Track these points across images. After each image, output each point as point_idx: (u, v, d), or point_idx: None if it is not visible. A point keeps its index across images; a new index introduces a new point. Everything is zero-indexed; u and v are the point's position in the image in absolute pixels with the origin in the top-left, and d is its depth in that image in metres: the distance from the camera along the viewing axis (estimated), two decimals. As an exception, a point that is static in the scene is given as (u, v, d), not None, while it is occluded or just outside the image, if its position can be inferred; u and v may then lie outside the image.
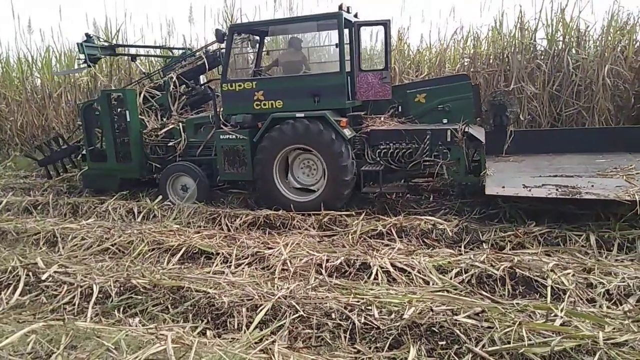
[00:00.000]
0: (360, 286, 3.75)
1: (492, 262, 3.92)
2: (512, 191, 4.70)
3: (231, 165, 6.14)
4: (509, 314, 2.99)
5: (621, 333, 2.66)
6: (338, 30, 5.65)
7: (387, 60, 6.20)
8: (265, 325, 3.14)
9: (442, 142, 5.49)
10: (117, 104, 6.73)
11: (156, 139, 6.80)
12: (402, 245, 4.67)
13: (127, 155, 6.80)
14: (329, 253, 4.40)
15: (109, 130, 6.81)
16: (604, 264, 3.83)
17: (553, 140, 6.43)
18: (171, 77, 7.03)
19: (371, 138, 5.81)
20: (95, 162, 7.11)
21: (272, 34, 7.19)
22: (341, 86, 5.71)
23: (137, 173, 6.89)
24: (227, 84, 6.10)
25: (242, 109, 6.07)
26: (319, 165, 5.91)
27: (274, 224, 5.47)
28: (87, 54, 7.36)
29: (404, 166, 5.70)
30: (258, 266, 4.32)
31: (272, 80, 6.36)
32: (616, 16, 8.25)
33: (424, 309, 3.08)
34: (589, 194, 4.40)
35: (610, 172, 5.20)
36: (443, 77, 7.35)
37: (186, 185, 6.48)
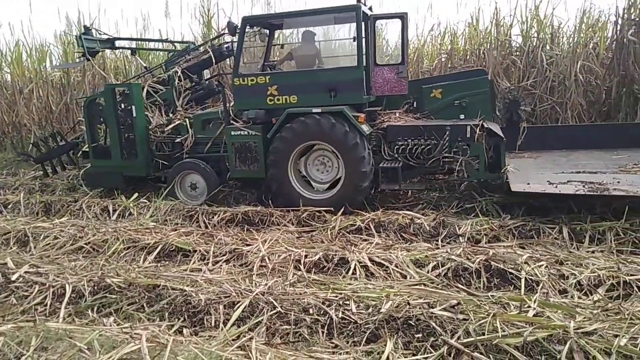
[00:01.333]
0: (338, 281, 3.76)
1: (468, 255, 3.97)
2: (539, 188, 4.63)
3: (243, 162, 5.94)
4: (484, 306, 3.03)
5: (591, 322, 2.72)
6: (356, 23, 5.50)
7: (404, 54, 6.06)
8: (242, 322, 3.11)
9: (461, 138, 5.38)
10: (122, 98, 6.48)
11: (162, 136, 6.58)
12: (381, 240, 4.69)
13: (133, 152, 6.53)
14: (307, 249, 4.40)
15: (113, 126, 6.54)
16: (576, 256, 3.92)
17: (565, 136, 6.39)
18: (175, 72, 6.82)
19: (388, 134, 5.67)
20: (99, 159, 6.81)
21: (286, 27, 6.99)
22: (359, 81, 5.56)
23: (143, 171, 6.63)
24: (239, 79, 5.90)
25: (255, 104, 5.88)
26: (334, 162, 5.76)
27: (252, 221, 5.44)
28: (86, 47, 7.10)
29: (422, 163, 5.58)
30: (236, 263, 4.29)
31: (287, 75, 6.19)
32: (588, 13, 8.45)
33: (401, 302, 3.11)
34: (617, 191, 4.36)
35: (632, 168, 5.19)
36: (459, 72, 7.21)
37: (195, 183, 6.28)
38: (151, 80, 7.02)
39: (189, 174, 6.30)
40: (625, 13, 7.32)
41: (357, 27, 5.50)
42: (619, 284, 3.40)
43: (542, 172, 5.21)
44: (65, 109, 10.13)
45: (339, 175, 5.71)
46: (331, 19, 6.31)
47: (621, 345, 2.46)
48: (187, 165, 6.29)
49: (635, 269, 3.59)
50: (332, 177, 5.79)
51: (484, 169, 5.44)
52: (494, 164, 5.50)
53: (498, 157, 5.45)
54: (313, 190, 5.83)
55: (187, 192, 6.35)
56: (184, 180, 6.35)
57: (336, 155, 5.65)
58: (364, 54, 5.65)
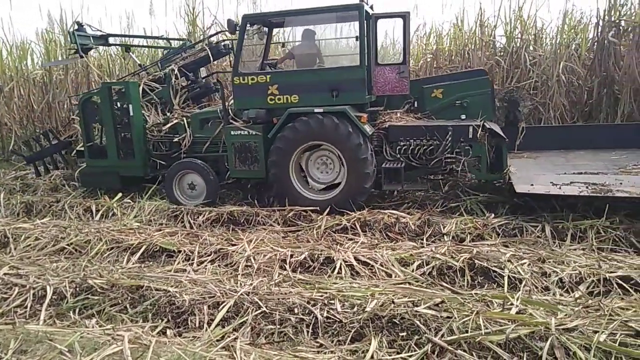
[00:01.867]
0: (324, 280, 3.76)
1: (452, 254, 4.00)
2: (543, 189, 4.64)
3: (243, 162, 5.87)
4: (468, 304, 3.06)
5: (572, 319, 2.75)
6: (359, 23, 5.44)
7: (405, 53, 6.00)
8: (227, 322, 3.10)
9: (463, 138, 5.38)
10: (118, 97, 6.35)
11: (159, 135, 6.44)
12: (366, 239, 4.70)
13: (130, 151, 6.40)
14: (293, 248, 4.39)
15: (109, 125, 6.40)
16: (558, 254, 3.98)
17: (562, 136, 6.42)
18: (172, 69, 6.70)
19: (390, 134, 5.63)
20: (94, 159, 6.66)
21: (287, 25, 6.91)
22: (361, 81, 5.50)
23: (140, 170, 6.50)
24: (239, 77, 5.80)
25: (255, 103, 5.80)
26: (335, 162, 5.72)
27: (237, 220, 5.41)
28: (79, 44, 6.91)
29: (425, 163, 5.56)
30: (221, 263, 4.26)
31: (288, 74, 6.13)
32: (570, 15, 8.58)
33: (385, 301, 3.12)
34: (620, 192, 4.37)
35: (632, 168, 5.23)
36: (460, 72, 7.17)
37: (194, 183, 6.17)
38: (147, 78, 6.89)
39: (188, 173, 6.18)
40: (605, 15, 7.44)
41: (359, 26, 5.44)
42: (599, 281, 3.45)
43: (544, 173, 5.21)
44: (47, 108, 9.95)
45: (339, 175, 5.66)
46: (333, 18, 6.26)
47: (600, 341, 2.50)
48: (185, 165, 6.16)
49: (615, 266, 3.65)
50: (333, 178, 5.72)
51: (486, 169, 5.45)
52: (495, 164, 5.50)
53: (499, 157, 5.45)
54: (314, 191, 5.77)
55: (185, 192, 6.24)
56: (182, 181, 6.24)
57: (338, 156, 5.59)
58: (366, 53, 5.58)
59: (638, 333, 2.57)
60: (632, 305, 3.00)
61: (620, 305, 3.02)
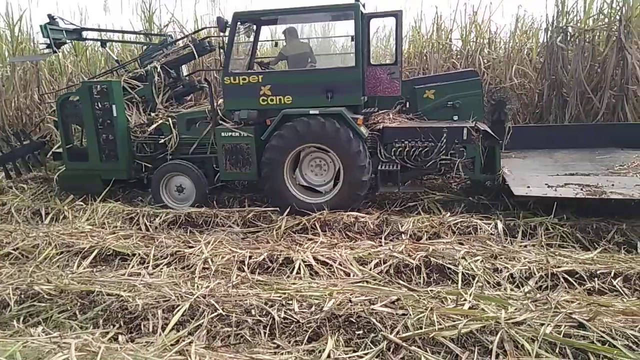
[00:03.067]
0: (282, 281, 3.75)
1: (409, 252, 4.07)
2: (540, 191, 4.68)
3: (234, 164, 5.68)
4: (423, 301, 3.12)
5: (521, 313, 2.86)
6: (355, 22, 5.31)
7: (397, 54, 5.89)
8: (182, 326, 3.03)
9: (458, 140, 5.35)
10: (100, 97, 6.03)
11: (143, 136, 6.15)
12: (326, 239, 4.71)
13: (113, 153, 6.08)
14: (252, 249, 4.35)
15: (91, 127, 6.05)
16: (509, 250, 4.12)
17: (547, 136, 6.52)
18: (155, 67, 6.41)
19: (384, 136, 5.54)
20: (74, 161, 6.29)
21: (280, 24, 6.69)
22: (357, 82, 5.39)
23: (124, 173, 6.18)
24: (229, 77, 5.59)
25: (246, 104, 5.60)
26: (330, 165, 5.59)
27: (196, 222, 5.32)
28: (52, 38, 6.47)
29: (420, 165, 5.49)
30: (178, 266, 4.17)
31: (281, 75, 5.97)
32: (522, 20, 8.92)
33: (343, 300, 3.14)
34: (614, 194, 4.45)
35: (619, 169, 5.34)
36: (451, 73, 7.12)
37: (182, 185, 5.93)
38: (126, 76, 6.58)
39: (175, 176, 5.94)
40: (554, 21, 7.77)
41: (355, 26, 5.32)
42: (547, 276, 3.60)
43: (537, 174, 5.25)
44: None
45: (333, 177, 5.58)
46: (329, 17, 6.12)
47: (547, 333, 2.60)
48: (173, 167, 5.92)
49: (561, 261, 3.81)
50: (328, 180, 5.62)
51: (480, 170, 5.47)
52: (487, 165, 5.51)
53: (492, 158, 5.47)
54: (309, 194, 5.63)
55: (173, 195, 6.02)
56: (169, 183, 5.99)
57: (332, 158, 5.49)
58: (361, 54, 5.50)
59: (581, 324, 2.69)
60: (576, 298, 3.15)
61: (565, 299, 3.16)
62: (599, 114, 7.36)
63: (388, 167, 5.47)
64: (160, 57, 6.63)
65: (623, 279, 3.50)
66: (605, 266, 3.66)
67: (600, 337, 2.57)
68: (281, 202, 5.49)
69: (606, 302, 3.09)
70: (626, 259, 3.89)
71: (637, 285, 3.45)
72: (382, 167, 5.47)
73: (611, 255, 4.02)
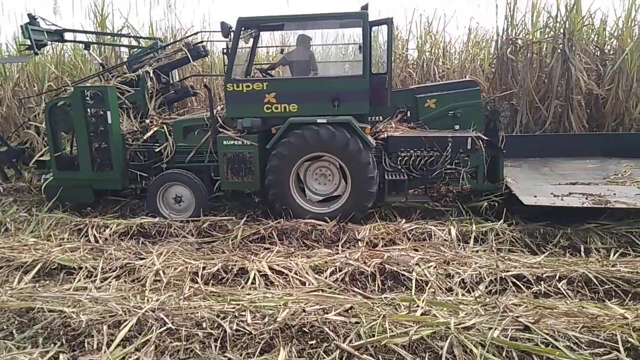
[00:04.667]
0: (237, 292, 3.67)
1: (365, 260, 4.09)
2: (548, 201, 4.72)
3: (235, 173, 5.51)
4: (377, 308, 3.13)
5: (470, 317, 2.92)
6: (363, 31, 5.29)
7: (389, 63, 5.78)
8: (129, 342, 2.91)
9: (462, 149, 5.37)
10: (94, 102, 5.69)
11: (136, 144, 5.91)
12: (283, 247, 4.68)
13: (106, 162, 5.79)
14: (206, 260, 4.25)
15: (83, 134, 5.73)
16: (462, 256, 4.21)
17: (538, 145, 6.67)
18: (147, 72, 6.16)
19: (389, 145, 5.48)
20: (64, 170, 5.92)
21: (286, 30, 6.58)
22: (364, 90, 5.33)
23: (118, 183, 5.90)
24: (232, 84, 5.44)
25: (250, 112, 5.46)
26: (335, 174, 5.50)
27: (148, 233, 5.15)
28: (33, 40, 6.07)
29: (426, 174, 5.49)
30: (127, 279, 4.02)
31: (286, 82, 5.84)
32: (475, 32, 9.23)
33: (297, 310, 3.11)
34: (618, 203, 4.55)
35: (615, 178, 5.50)
36: (450, 82, 7.12)
37: (180, 196, 5.72)
38: (115, 80, 6.29)
39: (173, 186, 5.73)
40: (504, 33, 8.09)
41: (363, 35, 5.29)
42: (496, 280, 3.70)
43: (540, 184, 5.35)
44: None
45: (339, 187, 5.49)
46: (336, 25, 6.02)
47: (494, 337, 2.66)
48: (171, 177, 5.70)
49: (510, 265, 3.94)
50: (332, 189, 5.52)
51: (483, 179, 5.52)
52: (489, 174, 5.57)
53: (495, 167, 5.52)
54: (313, 203, 5.53)
55: (171, 206, 5.78)
56: (166, 194, 5.76)
57: (337, 167, 5.42)
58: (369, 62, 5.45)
59: (526, 327, 2.77)
60: (523, 302, 3.25)
61: (513, 302, 3.25)
62: (547, 122, 7.69)
63: (395, 177, 5.43)
64: (152, 62, 6.43)
65: (567, 281, 3.64)
66: (551, 269, 3.80)
67: (544, 339, 2.66)
68: (286, 212, 5.38)
69: (551, 304, 3.21)
70: (570, 262, 4.05)
71: (579, 287, 3.60)
72: (389, 177, 5.43)
73: (557, 258, 4.19)
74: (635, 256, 4.26)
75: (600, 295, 3.52)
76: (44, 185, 6.04)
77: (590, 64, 7.84)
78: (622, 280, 3.62)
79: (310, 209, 5.45)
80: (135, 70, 6.36)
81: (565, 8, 7.61)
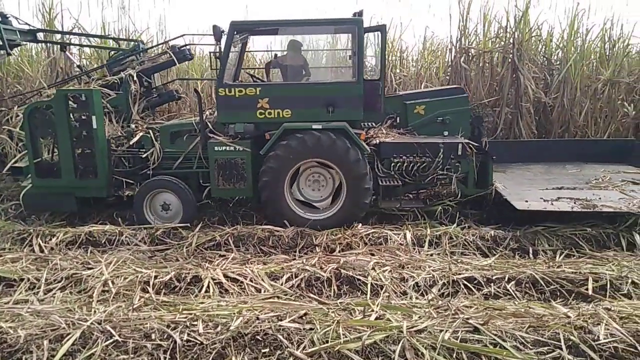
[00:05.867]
0: (190, 301, 3.58)
1: (322, 265, 4.09)
2: (540, 206, 4.85)
3: (227, 180, 5.39)
4: (332, 314, 3.12)
5: (423, 320, 2.96)
6: (357, 38, 5.30)
7: (382, 70, 5.80)
8: (72, 356, 2.77)
9: (454, 155, 5.42)
10: (78, 107, 5.39)
11: (120, 149, 5.67)
12: (239, 254, 4.63)
13: (89, 169, 5.50)
14: (158, 269, 4.13)
15: (65, 139, 5.42)
16: (416, 259, 4.28)
17: (519, 151, 6.83)
18: (130, 75, 5.92)
19: (381, 151, 5.48)
20: (43, 178, 5.57)
21: (281, 34, 6.48)
22: (358, 97, 5.34)
23: (103, 191, 5.62)
24: (224, 89, 5.33)
25: (243, 117, 5.39)
26: (329, 181, 5.45)
27: (98, 241, 4.97)
28: (5, 40, 5.69)
29: (419, 180, 5.51)
30: (73, 290, 3.84)
31: (280, 87, 5.75)
32: (430, 40, 9.46)
33: (251, 317, 3.05)
34: (605, 207, 4.74)
35: (597, 183, 5.69)
36: (439, 89, 7.11)
37: (168, 203, 5.51)
38: (96, 84, 5.99)
39: (160, 193, 5.52)
40: (457, 42, 8.34)
41: (358, 42, 5.31)
42: (449, 283, 3.78)
43: (528, 189, 5.48)
44: None
45: (332, 193, 5.45)
46: (331, 30, 6.04)
47: (445, 339, 2.71)
48: (159, 184, 5.50)
49: (462, 268, 4.03)
50: (326, 195, 5.47)
51: (473, 185, 5.60)
52: (479, 180, 5.65)
53: (484, 173, 5.60)
54: (307, 209, 5.45)
55: (158, 213, 5.54)
56: (154, 201, 5.55)
57: (330, 173, 5.40)
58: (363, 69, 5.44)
59: (476, 329, 2.83)
60: (474, 303, 3.33)
61: (465, 304, 3.33)
62: (498, 129, 7.97)
63: (389, 183, 5.46)
64: (135, 64, 6.20)
65: (515, 282, 3.76)
66: (501, 271, 3.92)
67: (492, 339, 2.72)
68: (279, 217, 5.30)
69: (500, 305, 3.30)
70: (519, 263, 4.19)
71: (527, 288, 3.73)
72: (384, 183, 5.45)
73: (506, 260, 4.33)
74: (579, 257, 4.47)
75: (547, 296, 3.66)
76: (23, 193, 5.66)
77: (538, 73, 8.19)
78: (567, 280, 3.78)
79: (302, 214, 5.38)
80: (116, 73, 6.15)
81: (514, 19, 7.94)
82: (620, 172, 6.23)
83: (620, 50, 8.36)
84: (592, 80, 8.24)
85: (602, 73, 8.16)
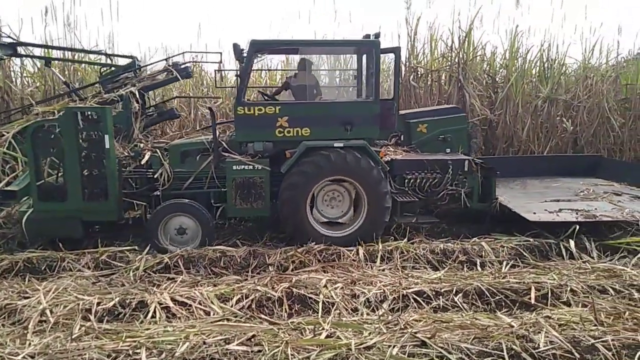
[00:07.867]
0: (134, 328, 3.43)
1: (273, 284, 4.03)
2: (549, 217, 5.11)
3: (244, 199, 5.31)
4: (281, 334, 3.08)
5: (372, 336, 2.97)
6: (375, 58, 5.39)
7: (396, 89, 5.95)
8: (0, 395, 2.58)
9: (461, 171, 5.63)
10: (88, 126, 5.08)
11: (128, 170, 5.43)
12: (189, 277, 4.49)
13: (99, 191, 5.21)
14: (101, 295, 3.94)
15: (73, 160, 5.11)
16: (368, 275, 4.31)
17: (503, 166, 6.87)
18: (132, 92, 5.69)
19: (394, 168, 5.61)
20: (47, 201, 5.20)
21: (301, 54, 6.41)
22: (376, 116, 5.41)
23: (114, 214, 5.31)
24: (243, 107, 5.29)
25: (262, 136, 5.36)
26: (345, 195, 5.49)
27: (37, 268, 4.69)
28: None
29: (431, 195, 5.65)
30: (7, 322, 3.59)
31: (299, 106, 5.71)
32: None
33: (197, 342, 2.96)
34: (603, 217, 5.03)
35: (587, 195, 6.00)
36: (438, 108, 7.26)
37: (184, 227, 5.26)
38: (92, 101, 5.73)
39: (175, 217, 5.27)
40: (406, 61, 8.62)
41: (375, 62, 5.40)
42: (399, 298, 3.81)
43: (530, 202, 5.72)
44: None
45: (350, 210, 5.52)
46: (350, 51, 6.20)
47: (393, 355, 2.72)
48: (175, 207, 5.25)
49: (412, 282, 4.09)
50: (345, 210, 5.52)
51: (477, 199, 5.77)
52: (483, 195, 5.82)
53: (488, 188, 5.77)
54: (327, 227, 5.44)
55: (173, 238, 5.26)
56: (167, 225, 5.27)
57: (344, 186, 5.45)
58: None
59: (423, 343, 2.87)
60: (423, 317, 3.38)
61: (414, 318, 3.37)
62: (447, 145, 8.23)
63: (406, 199, 5.59)
64: (135, 82, 6.00)
65: (463, 294, 3.85)
66: (449, 284, 4.00)
67: (438, 353, 2.76)
68: (299, 235, 5.27)
69: (447, 318, 3.37)
70: (467, 275, 4.30)
71: (474, 300, 3.82)
72: (400, 199, 5.56)
73: (455, 273, 4.43)
74: (523, 267, 4.64)
75: (492, 306, 3.76)
76: (24, 219, 5.21)
77: (482, 91, 8.57)
78: (511, 290, 3.90)
79: (322, 231, 5.37)
80: (110, 90, 5.94)
81: (459, 40, 8.30)
82: (597, 184, 6.63)
83: (556, 69, 8.89)
84: (533, 97, 8.71)
85: (542, 90, 8.64)
